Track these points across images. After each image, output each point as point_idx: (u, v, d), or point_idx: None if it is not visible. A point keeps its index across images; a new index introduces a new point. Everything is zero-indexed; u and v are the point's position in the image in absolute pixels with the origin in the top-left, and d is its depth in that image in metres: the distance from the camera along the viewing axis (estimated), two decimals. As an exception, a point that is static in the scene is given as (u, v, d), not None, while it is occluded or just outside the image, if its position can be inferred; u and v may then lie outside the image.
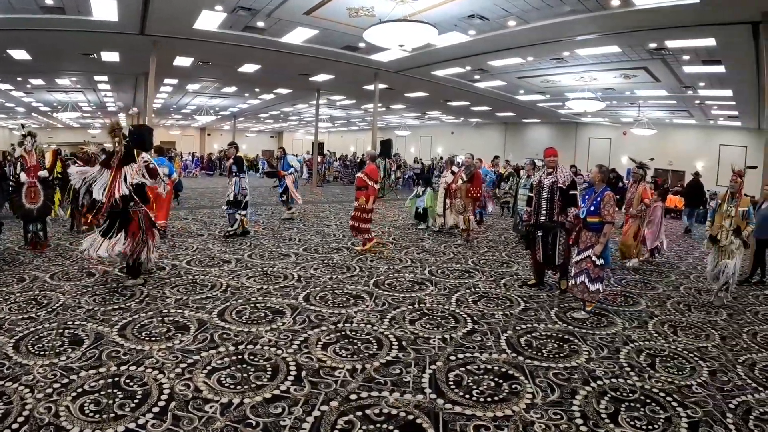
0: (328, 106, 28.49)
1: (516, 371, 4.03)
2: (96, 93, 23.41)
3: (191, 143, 43.96)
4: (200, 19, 11.18)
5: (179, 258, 7.59)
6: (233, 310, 5.27)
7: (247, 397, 3.41)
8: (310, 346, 4.36)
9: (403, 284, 6.60)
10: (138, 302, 5.40)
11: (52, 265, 6.94)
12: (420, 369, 4.00)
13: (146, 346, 4.21)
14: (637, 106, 20.25)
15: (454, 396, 3.57)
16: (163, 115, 34.72)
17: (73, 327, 4.60)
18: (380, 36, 9.09)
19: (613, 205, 5.62)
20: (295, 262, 7.58)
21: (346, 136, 47.67)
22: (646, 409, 3.52)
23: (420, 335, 4.75)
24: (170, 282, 6.26)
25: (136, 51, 13.64)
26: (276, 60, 15.07)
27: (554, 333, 5.03)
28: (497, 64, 14.87)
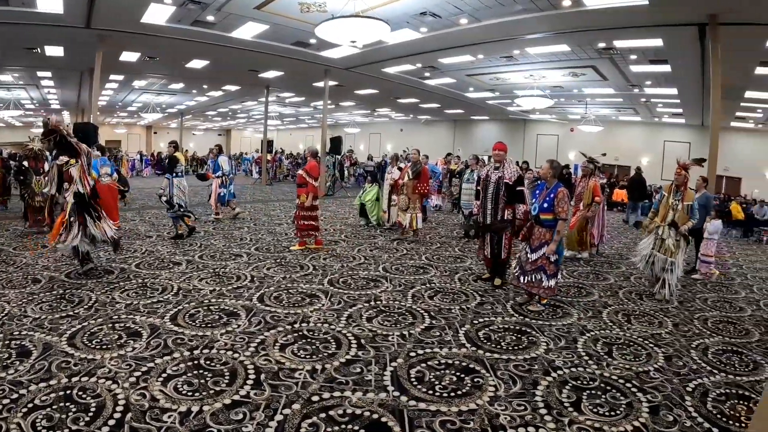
0: (277, 103, 28.12)
1: (477, 365, 4.08)
2: (39, 90, 22.33)
3: (137, 142, 42.52)
4: (148, 13, 10.85)
5: (128, 261, 7.32)
6: (186, 313, 5.11)
7: (206, 404, 3.31)
8: (267, 347, 4.28)
9: (357, 282, 6.58)
10: (86, 309, 5.17)
11: (-6, 272, 6.55)
12: (381, 367, 3.98)
13: (98, 355, 4.02)
14: (585, 104, 20.89)
15: (417, 392, 3.57)
16: (109, 113, 33.46)
17: (20, 338, 4.35)
18: (332, 32, 9.03)
19: (567, 201, 5.54)
20: (247, 262, 7.46)
21: (296, 133, 47.16)
22: (607, 396, 3.62)
23: (378, 333, 4.74)
24: (119, 286, 6.02)
25: (81, 45, 13.09)
26: (225, 55, 14.78)
27: (512, 325, 5.12)
28: (448, 62, 15.01)
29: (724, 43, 9.50)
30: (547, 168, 5.73)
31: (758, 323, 5.74)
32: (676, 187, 6.51)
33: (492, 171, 6.53)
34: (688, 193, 6.47)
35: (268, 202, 16.14)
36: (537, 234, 5.68)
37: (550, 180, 5.68)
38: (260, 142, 27.21)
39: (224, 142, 48.11)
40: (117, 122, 39.32)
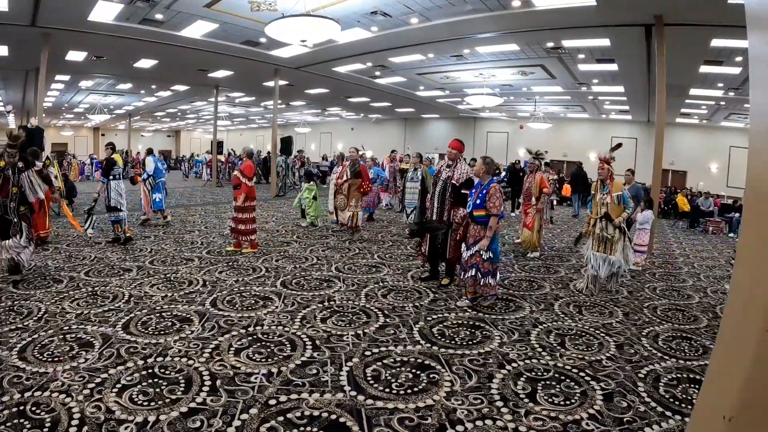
0: (227, 103, 27.67)
1: (432, 361, 4.16)
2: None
3: (84, 144, 40.94)
4: (95, 10, 10.50)
5: (77, 269, 7.12)
6: (138, 321, 5.03)
7: (163, 413, 3.27)
8: (222, 353, 4.26)
9: (311, 282, 6.61)
10: (36, 320, 5.01)
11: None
12: (337, 367, 4.02)
13: (50, 368, 3.91)
14: (534, 102, 21.34)
15: (374, 391, 3.62)
16: (55, 115, 32.08)
17: None
18: (282, 31, 8.92)
19: (499, 197, 5.46)
20: (199, 266, 7.38)
21: (246, 133, 46.48)
22: (561, 386, 3.76)
23: (333, 333, 4.79)
24: (69, 295, 5.85)
25: (26, 44, 12.64)
26: (174, 55, 14.49)
27: (465, 321, 5.25)
28: (398, 61, 15.08)
29: (670, 42, 9.84)
30: (480, 164, 5.67)
31: (706, 310, 6.13)
32: (602, 182, 6.49)
33: (444, 168, 6.44)
34: (615, 184, 6.40)
35: (218, 204, 15.90)
36: (472, 232, 5.63)
37: (484, 176, 5.64)
38: (210, 143, 26.68)
39: (173, 143, 46.98)
40: (63, 124, 37.79)
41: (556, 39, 11.77)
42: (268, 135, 24.99)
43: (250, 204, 8.38)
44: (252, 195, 8.41)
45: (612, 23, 10.11)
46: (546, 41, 12.07)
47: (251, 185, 8.34)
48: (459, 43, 12.74)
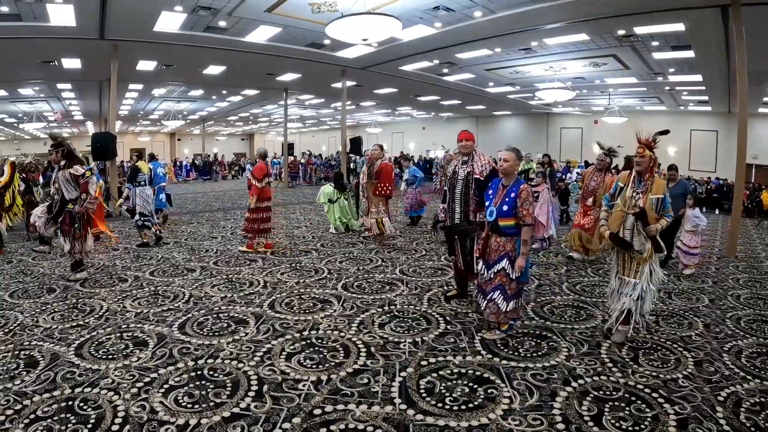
0: (297, 105, 28.29)
1: (492, 374, 3.92)
2: (61, 102, 22.85)
3: (161, 149, 43.28)
4: (160, 21, 10.98)
5: (142, 269, 7.43)
6: (195, 321, 5.14)
7: (205, 417, 3.29)
8: (273, 357, 4.25)
9: (372, 285, 6.52)
10: (97, 318, 5.26)
11: (12, 282, 6.72)
12: (389, 377, 3.87)
13: (102, 365, 4.07)
14: (608, 94, 20.51)
15: (425, 405, 3.45)
16: (132, 122, 34.09)
17: (30, 348, 4.45)
18: (343, 31, 8.94)
19: (532, 201, 4.58)
20: (261, 267, 7.48)
21: (318, 135, 47.42)
22: (631, 408, 3.41)
23: (390, 340, 4.65)
24: (131, 294, 6.11)
25: (97, 56, 13.35)
26: (241, 60, 14.88)
27: (531, 330, 4.93)
28: (465, 57, 14.86)
29: (749, 24, 9.08)
30: (514, 159, 4.63)
31: (796, 322, 5.43)
32: (639, 175, 4.68)
33: (459, 166, 5.60)
34: (656, 183, 4.60)
35: (288, 206, 16.24)
36: (494, 245, 4.67)
37: (511, 174, 4.65)
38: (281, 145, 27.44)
39: (247, 146, 48.69)
40: (140, 130, 40.11)
41: (628, 26, 11.16)
42: (338, 136, 25.30)
43: (262, 205, 8.51)
44: (264, 196, 8.51)
45: (685, 6, 9.40)
46: (617, 29, 11.47)
47: (261, 186, 8.42)
48: (526, 36, 12.34)
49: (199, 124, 36.18)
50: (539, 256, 8.28)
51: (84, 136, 36.97)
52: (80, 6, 9.79)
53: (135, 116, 30.39)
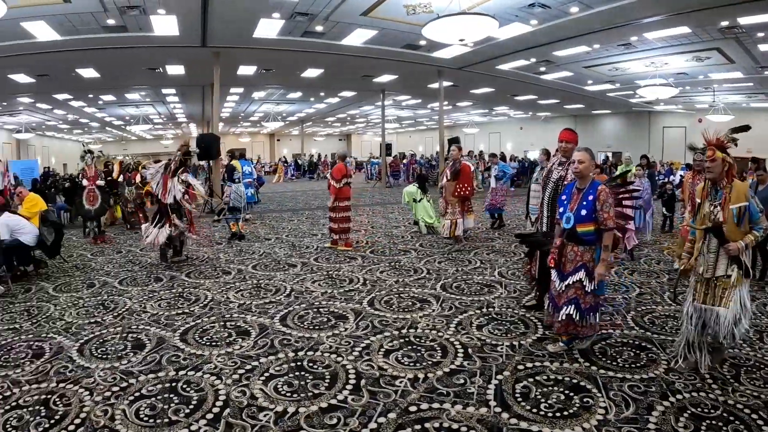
0: (394, 106, 28.58)
1: (588, 383, 3.73)
2: (165, 105, 24.62)
3: (261, 149, 45.34)
4: (259, 28, 11.54)
5: (245, 263, 7.72)
6: (296, 315, 5.25)
7: (303, 406, 3.35)
8: (371, 353, 4.25)
9: (471, 287, 6.36)
10: (202, 307, 5.51)
11: (122, 271, 7.24)
12: (485, 379, 3.77)
13: (206, 351, 4.26)
14: (712, 91, 19.40)
15: (520, 410, 3.33)
16: (233, 123, 35.98)
17: (137, 331, 4.74)
18: (439, 31, 9.00)
19: (612, 203, 4.12)
20: (361, 265, 7.53)
21: (414, 135, 47.69)
22: (729, 429, 3.13)
23: (487, 342, 4.51)
24: (235, 286, 6.36)
25: (199, 63, 14.22)
26: (338, 63, 15.27)
27: (631, 340, 4.61)
28: (563, 54, 14.58)
29: None
30: (588, 159, 4.16)
31: None
32: (713, 184, 3.86)
33: (555, 167, 5.18)
34: (736, 189, 3.73)
35: (386, 205, 16.35)
36: (570, 255, 4.23)
37: (586, 177, 4.19)
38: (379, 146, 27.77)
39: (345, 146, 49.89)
40: (241, 131, 42.24)
41: (731, 16, 10.39)
42: (435, 136, 25.26)
43: (341, 204, 8.68)
44: (342, 196, 8.67)
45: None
46: (719, 20, 10.75)
47: (339, 187, 8.59)
48: (624, 30, 11.89)
49: (298, 125, 37.55)
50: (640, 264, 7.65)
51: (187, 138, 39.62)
52: (182, 16, 10.48)
53: (236, 118, 32.06)
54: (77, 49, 12.16)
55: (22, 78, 15.18)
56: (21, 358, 4.18)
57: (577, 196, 4.17)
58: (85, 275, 7.03)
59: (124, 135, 38.08)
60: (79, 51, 12.33)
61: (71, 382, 3.69)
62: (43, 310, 5.48)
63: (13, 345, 4.47)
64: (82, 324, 4.98)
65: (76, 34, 11.02)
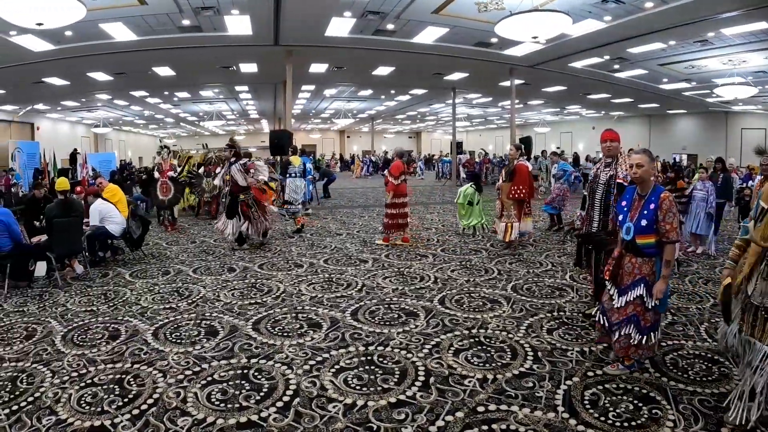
0: (464, 104, 28.31)
1: (658, 394, 3.53)
2: (238, 102, 25.39)
3: (331, 146, 46.00)
4: (331, 26, 11.66)
5: (317, 256, 7.83)
6: (367, 310, 5.27)
7: (372, 399, 3.35)
8: (441, 351, 4.20)
9: (542, 290, 6.16)
10: (274, 298, 5.62)
11: (196, 260, 7.51)
12: (554, 384, 3.66)
13: (278, 341, 4.34)
14: None
15: (588, 417, 3.21)
16: (304, 120, 36.72)
17: (210, 319, 4.89)
18: (512, 29, 8.91)
19: (675, 213, 3.68)
20: (432, 263, 7.46)
21: (485, 134, 47.12)
22: None
23: (557, 346, 4.36)
24: (307, 279, 6.45)
25: (271, 61, 14.55)
26: (409, 61, 15.27)
27: (703, 352, 4.31)
28: (637, 51, 14.06)
29: None
30: (647, 161, 3.70)
31: None
32: None
33: (602, 169, 4.96)
34: None
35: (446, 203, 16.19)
36: (628, 267, 3.83)
37: (647, 182, 3.75)
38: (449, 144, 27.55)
39: (415, 144, 49.91)
40: (312, 128, 43.00)
41: None
42: (506, 135, 24.84)
43: (398, 201, 8.75)
44: (400, 192, 8.74)
45: None
46: None
47: (397, 183, 8.71)
48: (701, 26, 11.30)
49: (368, 122, 37.86)
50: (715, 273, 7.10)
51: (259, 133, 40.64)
52: (256, 16, 10.74)
53: (307, 115, 32.70)
54: (153, 49, 12.69)
55: (100, 76, 15.97)
56: (97, 338, 4.40)
57: (638, 203, 3.76)
58: (161, 263, 7.33)
59: (198, 130, 39.54)
60: (155, 50, 12.86)
61: (145, 364, 3.84)
62: (120, 295, 5.76)
63: (90, 326, 4.72)
64: (157, 309, 5.19)
65: (153, 34, 11.49)
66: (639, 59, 15.15)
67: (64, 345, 4.26)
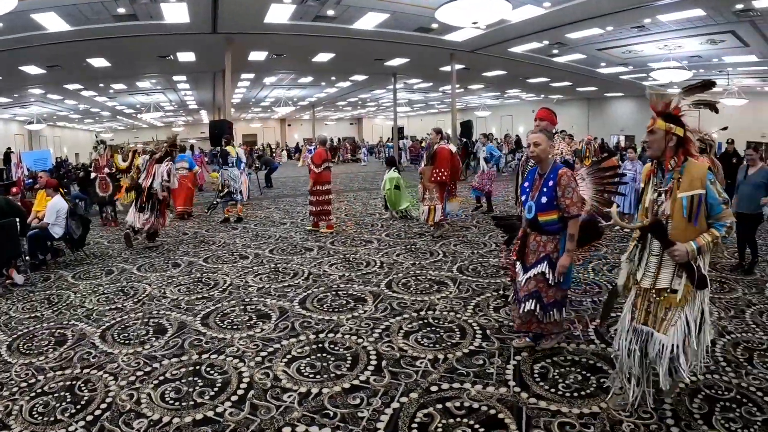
0: (405, 90, 28.39)
1: (605, 364, 3.71)
2: (176, 92, 24.62)
3: (272, 135, 45.28)
4: (270, 13, 11.44)
5: (262, 247, 7.75)
6: (315, 298, 5.28)
7: (326, 387, 3.40)
8: (391, 334, 4.27)
9: (487, 269, 6.31)
10: (221, 291, 5.55)
11: (139, 257, 7.31)
12: (504, 360, 3.80)
13: (228, 334, 4.30)
14: (726, 74, 18.96)
15: (539, 390, 3.36)
16: (243, 109, 35.97)
17: (158, 317, 4.79)
18: (453, 14, 9.00)
19: (575, 188, 3.66)
20: (377, 248, 7.52)
21: (426, 119, 47.40)
22: (742, 410, 3.14)
23: (505, 324, 4.49)
24: (253, 270, 6.39)
25: (210, 49, 14.16)
26: (349, 47, 15.15)
27: None
28: (576, 36, 14.37)
29: None
30: (545, 140, 3.73)
31: None
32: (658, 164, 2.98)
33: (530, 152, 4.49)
34: (691, 170, 2.83)
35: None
36: (533, 245, 3.83)
37: (545, 160, 3.75)
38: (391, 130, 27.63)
39: (356, 130, 49.73)
40: (252, 117, 42.20)
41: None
42: (447, 120, 25.10)
43: (321, 188, 8.79)
44: (322, 180, 8.77)
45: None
46: (735, 3, 10.54)
47: (319, 171, 8.70)
48: (638, 12, 11.70)
49: (309, 109, 37.44)
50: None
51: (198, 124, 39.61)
52: (193, 3, 10.43)
53: (247, 104, 32.04)
54: (88, 39, 12.17)
55: (33, 69, 15.20)
56: (44, 345, 4.23)
57: (539, 182, 3.76)
58: (103, 263, 7.09)
59: (135, 123, 38.18)
60: (90, 41, 12.34)
61: (95, 368, 3.74)
62: (63, 298, 5.54)
63: (35, 333, 4.53)
64: (102, 311, 5.03)
65: (87, 23, 11.01)
66: (578, 44, 15.47)
67: (10, 355, 4.07)
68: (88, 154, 28.93)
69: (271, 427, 2.98)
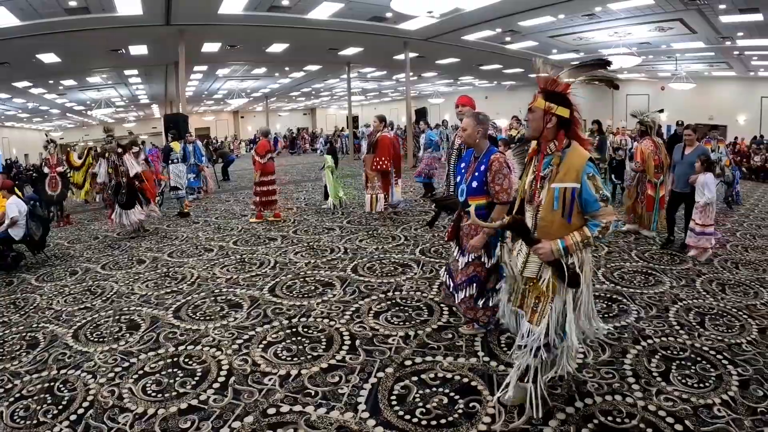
0: (359, 78, 28.30)
1: None
2: (128, 87, 23.83)
3: (225, 128, 44.47)
4: (224, 4, 11.22)
5: (226, 239, 7.69)
6: (283, 285, 5.32)
7: (305, 368, 3.48)
8: (362, 315, 4.38)
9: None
10: (190, 284, 5.52)
11: (102, 256, 7.15)
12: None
13: (201, 325, 4.32)
14: (675, 60, 19.65)
15: (507, 358, 3.52)
16: (196, 103, 35.18)
17: (129, 313, 4.74)
18: (407, 3, 9.02)
19: (506, 174, 3.52)
20: (340, 235, 7.58)
21: (380, 107, 47.31)
22: (697, 368, 3.43)
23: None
24: (219, 262, 6.36)
25: (163, 42, 13.78)
26: (304, 37, 14.99)
27: (602, 293, 4.87)
28: (528, 24, 14.56)
29: None
30: (472, 125, 3.62)
31: None
32: (538, 146, 2.85)
33: (460, 134, 4.49)
34: (571, 157, 2.66)
35: (356, 177, 16.32)
36: (466, 229, 3.76)
37: (479, 143, 3.68)
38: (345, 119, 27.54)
39: (310, 120, 49.28)
40: (204, 110, 41.32)
41: None
42: (401, 108, 25.22)
43: (266, 179, 8.89)
44: (267, 171, 8.87)
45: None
46: None
47: (263, 162, 8.78)
48: (590, 1, 11.99)
49: (262, 101, 36.88)
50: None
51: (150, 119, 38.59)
52: (146, -6, 10.10)
53: (199, 97, 31.34)
54: (38, 34, 11.66)
55: (-22, 67, 14.50)
56: (16, 350, 4.11)
57: (473, 165, 3.68)
58: (66, 263, 6.91)
59: (86, 120, 36.89)
60: (40, 36, 11.81)
61: (72, 368, 3.71)
62: (30, 301, 5.38)
63: (5, 338, 4.40)
64: (72, 311, 4.94)
65: (37, 17, 10.56)
66: (530, 32, 15.65)
67: (-18, 362, 3.97)
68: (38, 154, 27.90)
69: (256, 409, 3.05)
